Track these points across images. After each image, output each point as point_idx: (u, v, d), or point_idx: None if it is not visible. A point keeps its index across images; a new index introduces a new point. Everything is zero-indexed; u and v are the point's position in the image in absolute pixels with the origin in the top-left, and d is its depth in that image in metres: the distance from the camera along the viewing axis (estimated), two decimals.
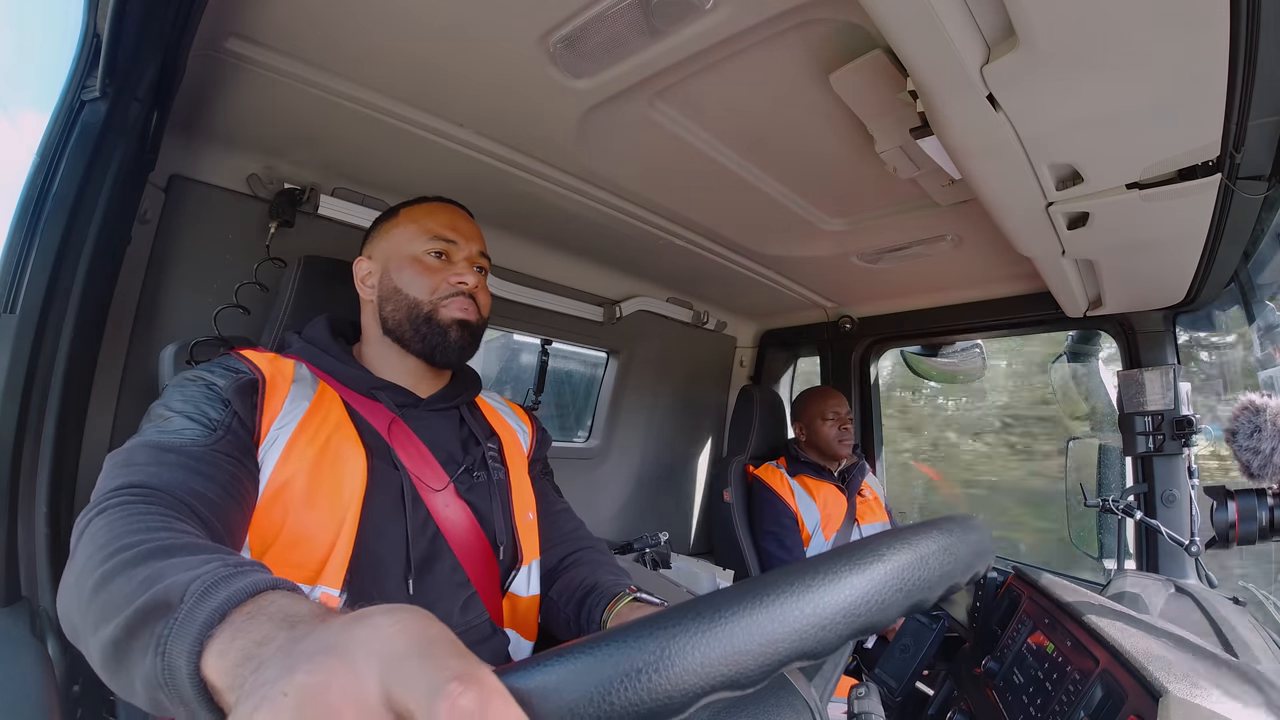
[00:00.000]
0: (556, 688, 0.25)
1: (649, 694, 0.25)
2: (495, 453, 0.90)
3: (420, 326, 0.84)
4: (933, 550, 0.34)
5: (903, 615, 0.32)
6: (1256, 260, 1.21)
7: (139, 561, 0.43)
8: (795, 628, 0.28)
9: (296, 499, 0.69)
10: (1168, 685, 0.60)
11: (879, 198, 1.32)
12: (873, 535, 0.34)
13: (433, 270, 0.85)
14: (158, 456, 0.61)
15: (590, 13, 0.80)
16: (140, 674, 0.37)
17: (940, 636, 1.08)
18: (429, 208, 0.90)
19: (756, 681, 0.27)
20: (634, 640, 0.26)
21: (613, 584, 0.81)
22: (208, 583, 0.37)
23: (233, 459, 0.66)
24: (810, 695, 0.45)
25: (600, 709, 0.25)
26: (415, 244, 0.86)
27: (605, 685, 0.25)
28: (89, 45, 0.79)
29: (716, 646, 0.26)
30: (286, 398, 0.74)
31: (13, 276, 0.79)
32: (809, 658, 0.29)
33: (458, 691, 0.23)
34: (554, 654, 0.26)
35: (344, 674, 0.25)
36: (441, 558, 0.78)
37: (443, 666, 0.24)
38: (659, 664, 0.25)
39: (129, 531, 0.48)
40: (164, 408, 0.67)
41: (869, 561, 0.31)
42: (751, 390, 2.20)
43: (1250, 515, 0.79)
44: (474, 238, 0.90)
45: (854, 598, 0.30)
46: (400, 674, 0.24)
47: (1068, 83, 0.69)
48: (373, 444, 0.77)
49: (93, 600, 0.43)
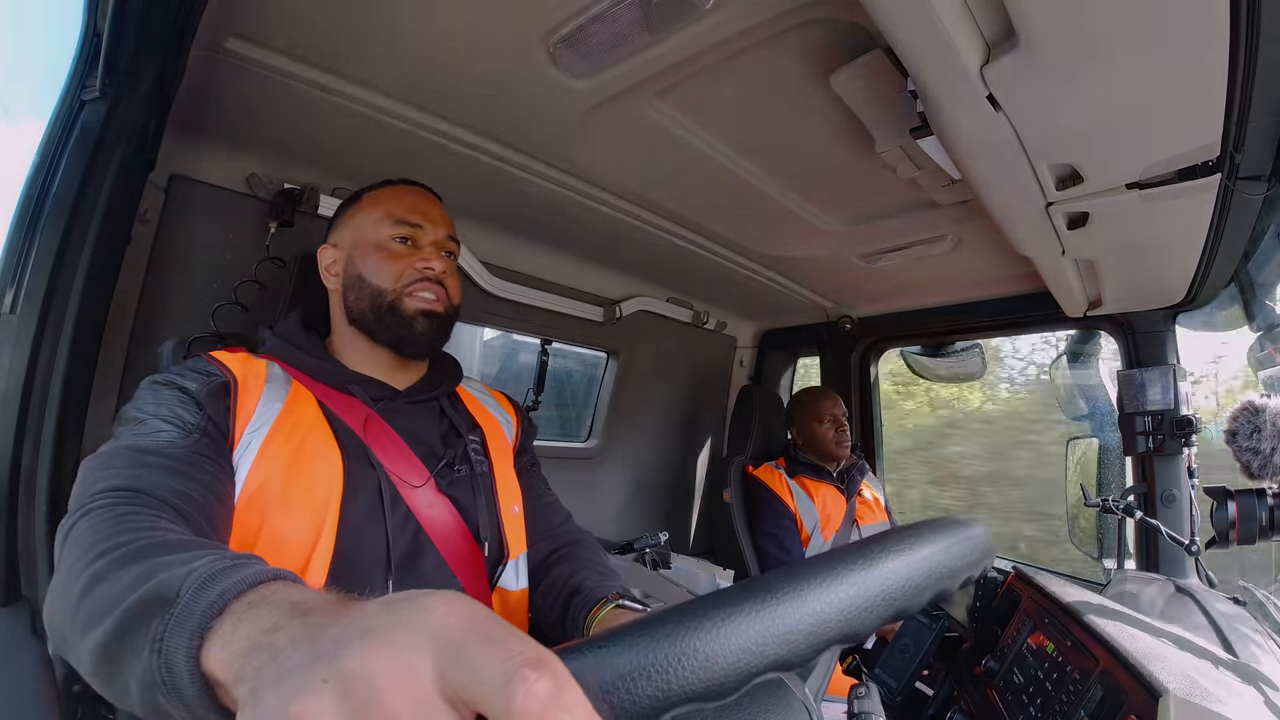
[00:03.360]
0: (614, 669, 0.25)
1: (706, 674, 0.25)
2: (478, 445, 0.88)
3: (385, 316, 0.81)
4: (954, 541, 0.36)
5: (929, 602, 0.34)
6: (1256, 260, 1.21)
7: (129, 560, 0.41)
8: (842, 608, 0.29)
9: (273, 503, 0.68)
10: (1168, 685, 0.60)
11: (879, 198, 1.32)
12: (900, 527, 0.36)
13: (397, 256, 0.82)
14: (137, 459, 0.60)
15: (590, 13, 0.80)
16: (135, 675, 0.34)
17: (940, 636, 1.08)
18: (393, 191, 0.87)
19: (804, 661, 0.28)
20: (691, 620, 0.26)
21: (597, 587, 0.80)
22: (204, 575, 0.35)
23: (211, 460, 0.65)
24: (805, 695, 0.45)
25: (658, 688, 0.24)
26: (379, 230, 0.83)
27: (663, 664, 0.25)
28: (89, 45, 0.79)
29: (770, 626, 0.27)
30: (259, 400, 0.73)
31: (13, 276, 0.79)
32: (851, 640, 0.30)
33: (533, 678, 0.21)
34: (610, 636, 0.26)
35: (392, 659, 0.23)
36: (424, 555, 0.77)
37: (512, 651, 0.22)
38: (713, 644, 0.26)
39: (116, 532, 0.46)
40: (137, 410, 0.66)
41: (903, 550, 0.33)
42: (751, 390, 2.20)
43: (1250, 515, 0.79)
44: (440, 221, 0.87)
45: (892, 581, 0.32)
46: (461, 659, 0.22)
47: (1068, 83, 0.69)
48: (348, 443, 0.75)
49: (81, 603, 0.41)
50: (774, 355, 2.44)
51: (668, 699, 0.25)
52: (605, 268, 1.79)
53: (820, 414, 1.93)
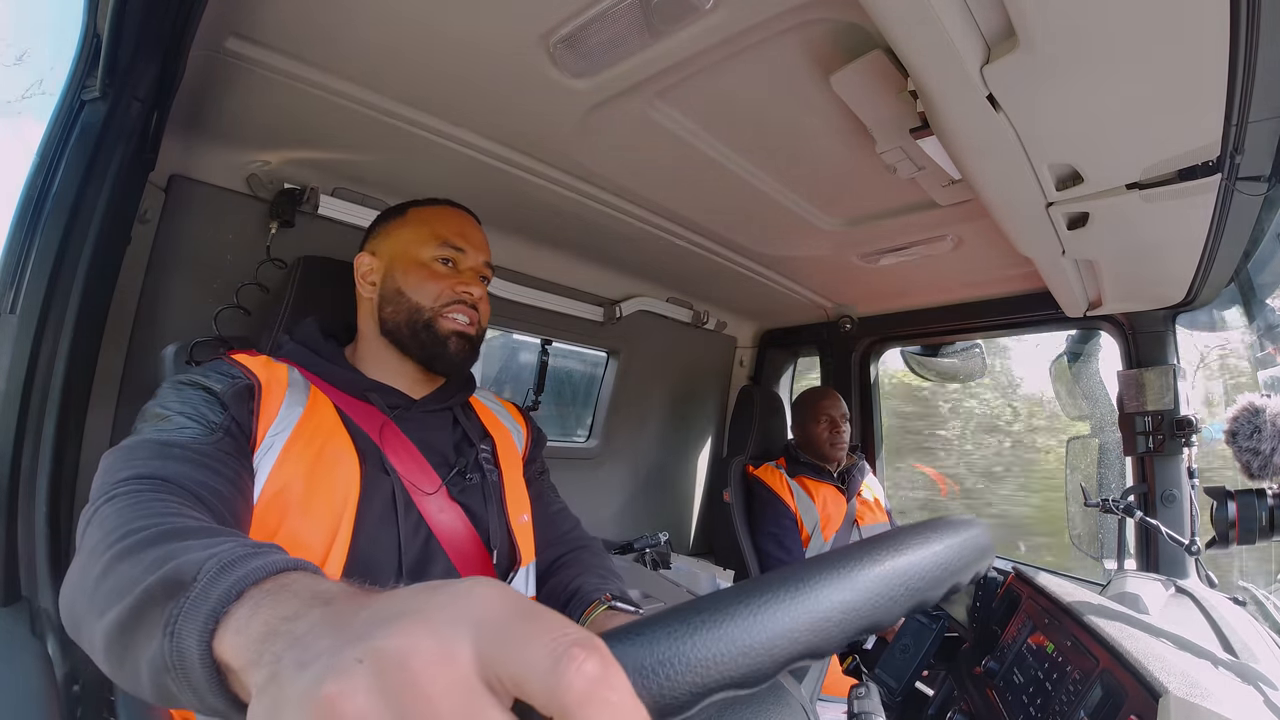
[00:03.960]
0: (654, 654, 0.25)
1: (744, 660, 0.25)
2: (489, 454, 0.89)
3: (420, 333, 0.83)
4: (964, 537, 0.36)
5: (944, 595, 0.35)
6: (1256, 260, 1.21)
7: (150, 544, 0.41)
8: (868, 598, 0.30)
9: (292, 506, 0.69)
10: (1168, 685, 0.60)
11: (879, 198, 1.32)
12: (916, 524, 0.37)
13: (439, 277, 0.84)
14: (161, 451, 0.61)
15: (590, 13, 0.80)
16: (146, 658, 0.34)
17: (940, 636, 1.08)
18: (440, 211, 0.89)
19: (834, 649, 0.29)
20: (730, 608, 0.26)
21: (593, 590, 0.80)
22: (224, 561, 0.34)
23: (233, 458, 0.66)
24: (801, 695, 0.46)
25: (697, 674, 0.25)
26: (424, 248, 0.85)
27: (702, 651, 0.25)
28: (89, 45, 0.79)
29: (805, 614, 0.27)
30: (282, 404, 0.74)
31: (13, 276, 0.79)
32: (876, 629, 0.30)
33: (582, 656, 0.20)
34: (649, 622, 0.26)
35: (430, 639, 0.22)
36: (435, 561, 0.78)
37: (560, 631, 0.22)
38: (752, 631, 0.26)
39: (139, 516, 0.46)
40: (161, 407, 0.67)
41: (926, 541, 0.34)
42: (751, 390, 2.20)
43: (1250, 515, 0.79)
44: (482, 247, 0.89)
45: (916, 571, 0.32)
46: (505, 639, 0.22)
47: (1068, 83, 0.69)
48: (365, 449, 0.77)
49: (99, 584, 0.40)
50: (774, 355, 2.44)
51: (705, 686, 0.25)
52: (605, 268, 1.79)
53: (817, 414, 1.93)
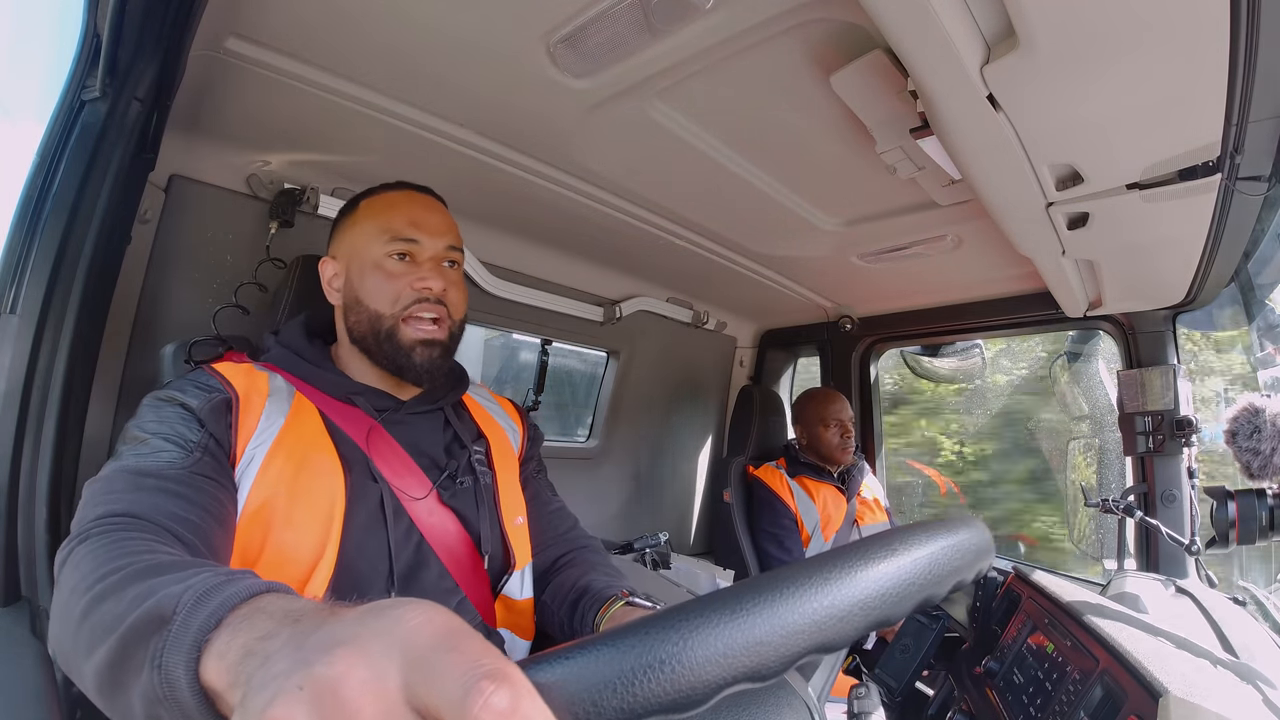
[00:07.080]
0: (579, 681, 0.25)
1: (671, 685, 0.25)
2: (482, 456, 0.86)
3: (383, 343, 0.78)
4: (961, 538, 0.35)
5: (951, 591, 0.34)
6: (1256, 260, 1.21)
7: (128, 582, 0.42)
8: (813, 618, 0.28)
9: (276, 519, 0.68)
10: (1168, 685, 0.60)
11: (879, 198, 1.32)
12: (899, 528, 0.35)
13: (394, 276, 0.78)
14: (136, 482, 0.60)
15: (590, 13, 0.80)
16: (138, 692, 0.35)
17: (940, 636, 1.08)
18: (389, 199, 0.83)
19: (778, 672, 0.28)
20: (656, 632, 0.26)
21: (606, 587, 0.79)
22: (200, 591, 0.36)
23: (212, 480, 0.65)
24: (808, 695, 0.45)
25: (624, 700, 0.25)
26: (374, 245, 0.79)
27: (628, 677, 0.25)
28: (89, 45, 0.79)
29: (739, 637, 0.26)
30: (262, 414, 0.72)
31: (13, 277, 0.79)
32: (825, 650, 0.29)
33: (490, 689, 0.22)
34: (576, 647, 0.26)
35: (362, 667, 0.24)
36: (427, 565, 0.77)
37: (473, 662, 0.23)
38: (681, 655, 0.25)
39: (114, 556, 0.47)
40: (139, 429, 0.66)
41: (885, 555, 0.32)
42: (751, 390, 2.20)
43: (1250, 515, 0.79)
44: (439, 230, 0.81)
45: (875, 585, 0.31)
46: (425, 669, 0.23)
47: (1068, 83, 0.69)
48: (350, 456, 0.75)
49: (82, 625, 0.42)
50: (774, 355, 2.44)
51: (633, 710, 0.25)
52: (605, 268, 1.79)
53: (826, 418, 1.91)
